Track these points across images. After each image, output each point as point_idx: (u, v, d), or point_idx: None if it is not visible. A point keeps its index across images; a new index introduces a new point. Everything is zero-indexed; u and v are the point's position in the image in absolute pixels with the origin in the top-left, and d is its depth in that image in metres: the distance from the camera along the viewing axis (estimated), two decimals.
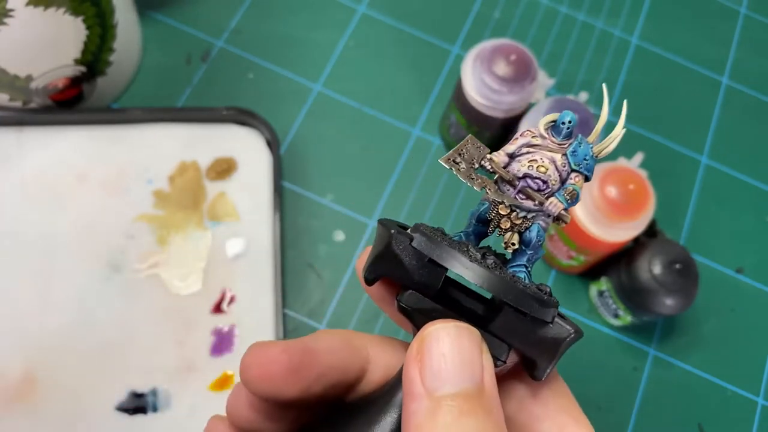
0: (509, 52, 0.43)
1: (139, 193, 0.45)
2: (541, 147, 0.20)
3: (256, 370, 0.20)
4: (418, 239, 0.19)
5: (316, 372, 0.20)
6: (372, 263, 0.20)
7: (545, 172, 0.20)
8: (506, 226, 0.20)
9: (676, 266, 0.43)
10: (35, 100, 0.45)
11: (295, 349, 0.20)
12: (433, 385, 0.18)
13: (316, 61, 0.53)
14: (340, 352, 0.21)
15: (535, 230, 0.20)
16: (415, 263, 0.19)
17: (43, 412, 0.40)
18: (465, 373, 0.18)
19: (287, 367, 0.20)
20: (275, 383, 0.20)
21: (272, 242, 0.45)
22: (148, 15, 0.53)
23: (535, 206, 0.20)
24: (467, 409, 0.17)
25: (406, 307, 0.20)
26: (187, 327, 0.43)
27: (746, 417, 0.47)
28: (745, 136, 0.56)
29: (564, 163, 0.20)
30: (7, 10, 0.37)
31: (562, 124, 0.20)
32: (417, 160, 0.51)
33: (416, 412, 0.18)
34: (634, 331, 0.49)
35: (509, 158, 0.21)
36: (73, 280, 0.43)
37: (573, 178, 0.20)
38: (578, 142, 0.20)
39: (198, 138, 0.47)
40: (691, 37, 0.59)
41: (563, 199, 0.20)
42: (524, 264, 0.20)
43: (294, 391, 0.20)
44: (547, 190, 0.20)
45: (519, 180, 0.20)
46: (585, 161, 0.20)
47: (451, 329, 0.18)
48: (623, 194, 0.41)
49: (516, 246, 0.20)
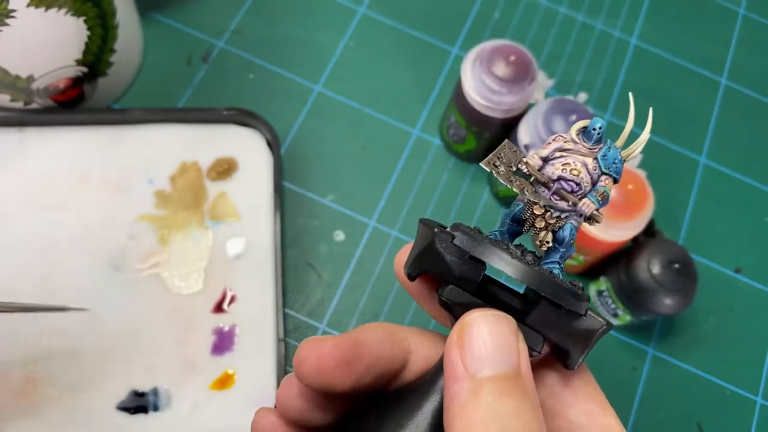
0: (509, 52, 0.43)
1: (140, 193, 0.45)
2: (573, 151, 0.22)
3: (311, 363, 0.21)
4: (460, 237, 0.20)
5: (366, 363, 0.21)
6: (415, 259, 0.22)
7: (578, 175, 0.21)
8: (541, 225, 0.22)
9: (675, 266, 0.43)
10: (37, 101, 0.45)
11: (346, 343, 0.21)
12: (473, 367, 0.19)
13: (316, 62, 0.53)
14: (385, 344, 0.22)
15: (568, 229, 0.22)
16: (456, 259, 0.20)
17: (44, 412, 0.40)
18: (503, 357, 0.19)
19: (340, 360, 0.21)
20: (329, 375, 0.21)
21: (273, 242, 0.45)
22: (149, 16, 0.53)
23: (568, 207, 0.21)
24: (507, 390, 0.18)
25: (447, 300, 0.21)
26: (187, 326, 0.43)
27: (745, 416, 0.48)
28: (744, 136, 0.56)
29: (595, 167, 0.22)
30: (9, 10, 0.37)
31: (593, 130, 0.21)
32: (417, 160, 0.51)
33: (459, 394, 0.19)
34: (633, 330, 0.49)
35: (543, 162, 0.22)
36: (75, 280, 0.43)
37: (603, 180, 0.22)
38: (608, 147, 0.22)
39: (199, 138, 0.47)
40: (690, 37, 0.59)
41: (595, 200, 0.21)
42: (557, 261, 0.22)
43: (346, 383, 0.21)
44: (579, 191, 0.21)
45: (554, 182, 0.22)
46: (614, 164, 0.22)
47: (489, 317, 0.20)
48: (622, 194, 0.42)
49: (550, 244, 0.22)
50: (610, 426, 0.22)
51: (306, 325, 0.46)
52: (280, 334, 0.43)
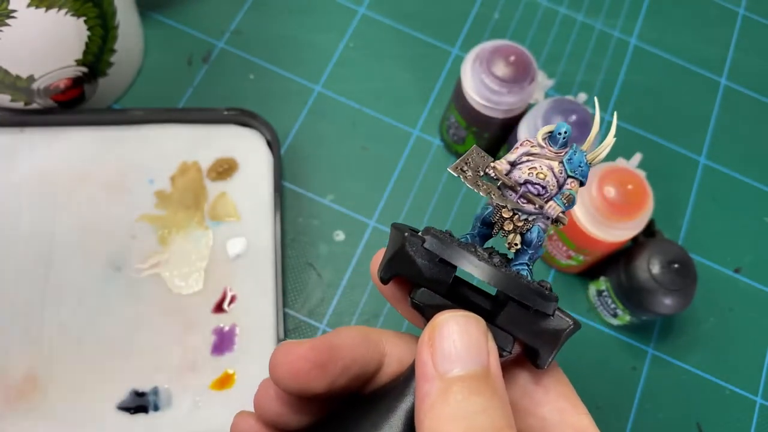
0: (508, 53, 0.43)
1: (141, 194, 0.45)
2: (539, 155, 0.22)
3: (286, 367, 0.21)
4: (430, 241, 0.21)
5: (341, 366, 0.22)
6: (387, 263, 0.22)
7: (544, 179, 0.22)
8: (509, 228, 0.22)
9: (675, 266, 0.43)
10: (37, 101, 0.45)
11: (321, 346, 0.22)
12: (444, 367, 0.19)
13: (316, 62, 0.53)
14: (360, 347, 0.23)
15: (535, 231, 0.22)
16: (426, 263, 0.21)
17: (44, 412, 0.40)
18: (473, 357, 0.19)
19: (314, 362, 0.21)
20: (304, 378, 0.21)
21: (273, 242, 0.45)
22: (150, 16, 0.53)
23: (535, 209, 0.22)
24: (476, 388, 0.19)
25: (419, 303, 0.21)
26: (188, 326, 0.43)
27: (744, 416, 0.48)
28: (744, 136, 0.56)
29: (561, 170, 0.22)
30: (9, 11, 0.37)
31: (558, 134, 0.22)
32: (417, 160, 0.51)
33: (429, 393, 0.19)
34: (632, 330, 0.49)
35: (511, 166, 0.23)
36: (75, 280, 0.43)
37: (569, 183, 0.22)
38: (573, 151, 0.22)
39: (199, 138, 0.47)
40: (690, 37, 0.60)
41: (561, 203, 0.22)
42: (526, 263, 0.22)
43: (321, 385, 0.22)
44: (545, 194, 0.22)
45: (520, 186, 0.22)
46: (580, 168, 0.22)
47: (459, 318, 0.20)
48: (622, 194, 0.42)
49: (518, 246, 0.22)
50: (582, 424, 0.22)
51: (306, 325, 0.46)
52: (280, 334, 0.43)
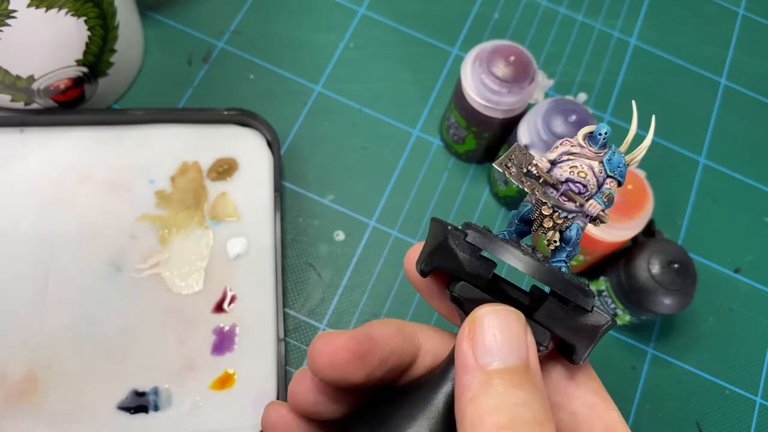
0: (508, 53, 0.43)
1: (141, 193, 0.45)
2: (579, 155, 0.23)
3: (326, 357, 0.22)
4: (473, 235, 0.21)
5: (379, 357, 0.22)
6: (429, 256, 0.22)
7: (585, 177, 0.22)
8: (549, 225, 0.23)
9: (675, 266, 0.43)
10: (37, 101, 0.45)
11: (360, 337, 0.22)
12: (484, 359, 0.19)
13: (316, 62, 0.53)
14: (396, 339, 0.23)
15: (575, 229, 0.23)
16: (468, 256, 0.21)
17: (44, 411, 0.40)
18: (513, 350, 0.20)
19: (354, 353, 0.22)
20: (343, 368, 0.22)
21: (273, 242, 0.45)
22: (150, 16, 0.53)
23: (576, 207, 0.22)
24: (516, 381, 0.19)
25: (459, 296, 0.22)
26: (188, 326, 0.43)
27: (744, 416, 0.48)
28: (744, 136, 0.57)
29: (601, 170, 0.23)
30: (9, 11, 0.37)
31: (599, 135, 0.22)
32: (417, 160, 0.51)
33: (470, 385, 0.19)
34: (632, 330, 0.49)
35: (551, 164, 0.23)
36: (75, 280, 0.43)
37: (608, 183, 0.23)
38: (613, 152, 0.23)
39: (199, 138, 0.47)
40: (690, 37, 0.60)
41: (601, 201, 0.22)
42: (564, 260, 0.23)
43: (360, 376, 0.22)
44: (586, 193, 0.23)
45: (562, 184, 0.23)
46: (619, 168, 0.22)
47: (500, 311, 0.20)
48: (622, 194, 0.42)
49: (557, 243, 0.23)
50: (613, 419, 0.22)
51: (306, 324, 0.46)
52: (280, 334, 0.43)
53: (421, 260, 0.23)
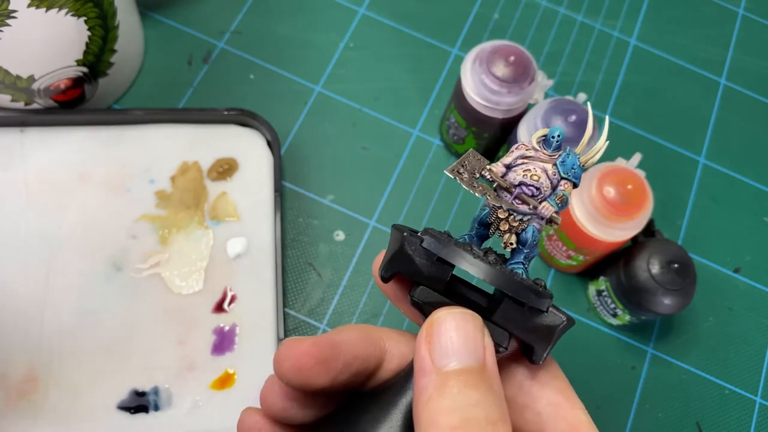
0: (508, 53, 0.43)
1: (141, 193, 0.45)
2: (534, 158, 0.23)
3: (290, 362, 0.22)
4: (428, 240, 0.22)
5: (343, 362, 0.23)
6: (388, 262, 0.23)
7: (538, 180, 0.23)
8: (505, 228, 0.23)
9: (674, 266, 0.43)
10: (37, 101, 0.45)
11: (323, 343, 0.22)
12: (441, 361, 0.20)
13: (316, 62, 0.53)
14: (360, 344, 0.23)
15: (530, 231, 0.23)
16: (425, 261, 0.22)
17: (44, 411, 0.40)
18: (469, 352, 0.20)
19: (317, 359, 0.22)
20: (307, 374, 0.22)
21: (273, 242, 0.45)
22: (150, 16, 0.53)
23: (529, 210, 0.23)
24: (472, 382, 0.20)
25: (418, 300, 0.22)
26: (188, 326, 0.43)
27: (744, 415, 0.48)
28: (743, 136, 0.57)
29: (554, 172, 0.23)
30: (10, 11, 0.37)
31: (552, 137, 0.23)
32: (417, 160, 0.51)
33: (426, 386, 0.20)
34: (632, 330, 0.49)
35: (507, 169, 0.23)
36: (76, 280, 0.43)
37: (563, 184, 0.23)
38: (567, 153, 0.23)
39: (199, 138, 0.47)
40: (689, 37, 0.60)
41: (554, 203, 0.23)
42: (521, 261, 0.23)
43: (324, 380, 0.22)
44: (539, 195, 0.23)
45: (515, 187, 0.23)
46: (573, 170, 0.23)
47: (457, 314, 0.21)
48: (621, 194, 0.42)
49: (514, 245, 0.23)
50: (577, 418, 0.22)
51: (306, 324, 0.46)
52: (280, 334, 0.43)
53: (381, 266, 0.24)
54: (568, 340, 0.48)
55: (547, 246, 0.48)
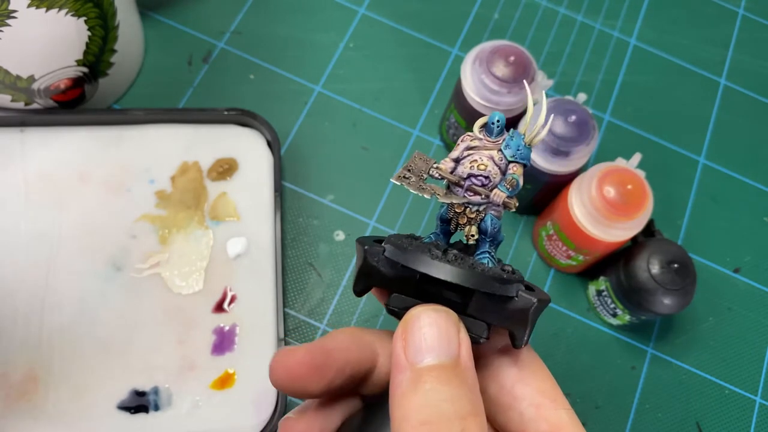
0: (508, 53, 0.43)
1: (141, 193, 0.45)
2: (479, 148, 0.23)
3: (283, 371, 0.23)
4: (389, 249, 0.22)
5: (335, 368, 0.23)
6: (357, 278, 0.23)
7: (485, 169, 0.23)
8: (464, 221, 0.23)
9: (674, 266, 0.43)
10: (37, 101, 0.45)
11: (316, 350, 0.23)
12: (415, 358, 0.20)
13: (316, 62, 0.53)
14: (352, 349, 0.24)
15: (488, 220, 0.23)
16: (391, 270, 0.22)
17: (44, 411, 0.40)
18: (443, 348, 0.20)
19: (310, 366, 0.23)
20: (301, 382, 0.23)
21: (273, 242, 0.45)
22: (150, 16, 0.53)
23: (483, 200, 0.23)
24: (445, 378, 0.20)
25: (393, 308, 0.23)
26: (188, 326, 0.43)
27: (744, 415, 0.48)
28: (743, 136, 0.57)
29: (501, 158, 0.23)
30: (10, 11, 0.37)
31: (492, 124, 0.23)
32: None
33: (401, 383, 0.20)
34: (632, 330, 0.49)
35: (455, 163, 0.24)
36: (76, 280, 0.43)
37: (512, 168, 0.23)
38: (510, 137, 0.23)
39: (199, 138, 0.47)
40: (689, 37, 0.60)
41: (504, 189, 0.23)
42: (486, 251, 0.23)
43: (318, 387, 0.23)
44: (490, 183, 0.23)
45: (464, 180, 0.23)
46: (519, 151, 0.23)
47: (429, 311, 0.21)
48: (621, 194, 0.42)
49: (476, 236, 0.23)
50: (560, 418, 0.23)
51: (306, 324, 0.46)
52: (280, 334, 0.43)
53: (354, 283, 0.24)
54: (567, 340, 0.48)
55: (547, 246, 0.48)
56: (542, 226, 0.48)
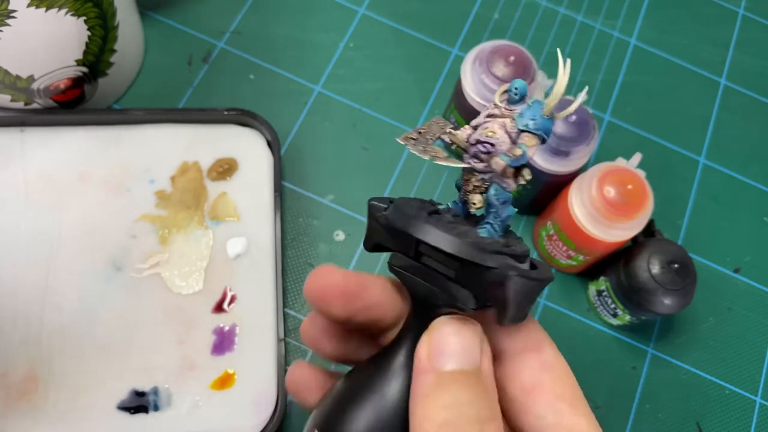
0: (508, 53, 0.43)
1: (141, 193, 0.45)
2: (497, 116, 0.22)
3: (316, 288, 0.25)
4: (390, 209, 0.22)
5: (364, 303, 0.25)
6: (366, 235, 0.24)
7: (493, 136, 0.22)
8: (470, 188, 0.23)
9: (674, 266, 0.43)
10: (37, 101, 0.45)
11: (352, 280, 0.25)
12: (439, 363, 0.21)
13: (316, 62, 0.53)
14: (386, 295, 0.25)
15: (492, 190, 0.22)
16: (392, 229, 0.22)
17: (44, 411, 0.40)
18: (466, 356, 0.21)
19: (342, 291, 0.24)
20: (327, 302, 0.24)
21: (273, 242, 0.45)
22: (150, 16, 0.53)
23: (485, 167, 0.22)
24: (466, 383, 0.21)
25: (392, 265, 0.23)
26: (188, 326, 0.43)
27: (744, 415, 0.48)
28: (743, 136, 0.57)
29: (513, 126, 0.22)
30: (9, 11, 0.37)
31: (511, 91, 0.22)
32: (417, 160, 0.51)
33: (424, 384, 0.21)
34: (632, 330, 0.49)
35: (473, 129, 0.23)
36: (75, 280, 0.43)
37: (523, 138, 0.22)
38: (528, 106, 0.22)
39: (199, 138, 0.47)
40: (690, 37, 0.60)
41: (505, 158, 0.22)
42: (490, 222, 0.22)
43: (341, 313, 0.25)
44: (494, 152, 0.22)
45: (472, 146, 0.23)
46: (533, 121, 0.21)
47: (456, 321, 0.22)
48: (622, 194, 0.42)
49: (478, 205, 0.23)
50: (579, 425, 0.22)
51: None
52: (280, 334, 0.43)
53: (363, 241, 0.25)
54: (568, 340, 0.48)
55: (547, 246, 0.48)
56: (542, 226, 0.48)
